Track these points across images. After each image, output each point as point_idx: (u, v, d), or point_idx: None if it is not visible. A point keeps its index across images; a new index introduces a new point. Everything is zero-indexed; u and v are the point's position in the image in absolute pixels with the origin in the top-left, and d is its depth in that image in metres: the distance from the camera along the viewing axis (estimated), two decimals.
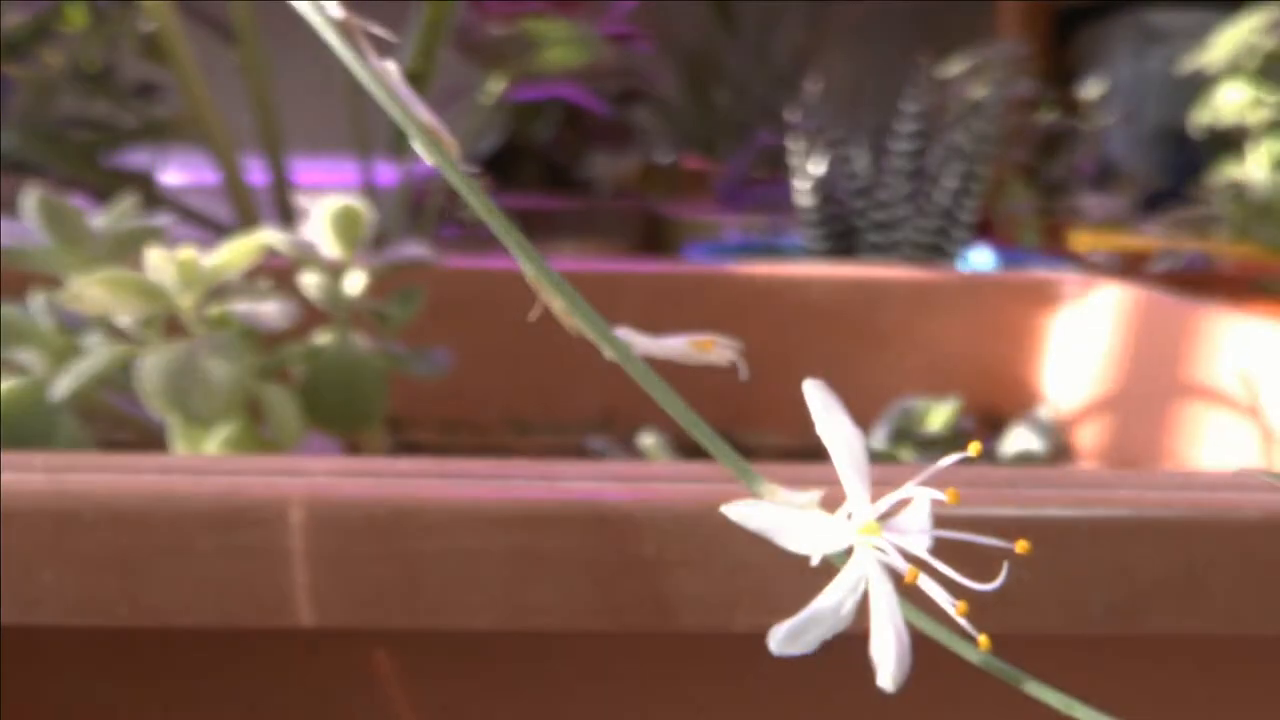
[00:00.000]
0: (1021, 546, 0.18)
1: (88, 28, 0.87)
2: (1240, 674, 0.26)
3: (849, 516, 0.18)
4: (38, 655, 0.24)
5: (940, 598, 0.18)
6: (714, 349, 0.22)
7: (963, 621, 0.17)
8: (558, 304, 0.20)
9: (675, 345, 0.22)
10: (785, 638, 0.17)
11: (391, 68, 0.20)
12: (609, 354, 0.20)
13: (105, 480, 0.20)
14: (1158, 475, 0.24)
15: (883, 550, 0.18)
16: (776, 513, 0.18)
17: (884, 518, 0.18)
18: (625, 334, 0.21)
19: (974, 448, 0.18)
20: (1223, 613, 0.22)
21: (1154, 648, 0.23)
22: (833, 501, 0.19)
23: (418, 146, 0.20)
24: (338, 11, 0.20)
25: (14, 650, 0.24)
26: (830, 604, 0.17)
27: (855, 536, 0.18)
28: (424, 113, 0.20)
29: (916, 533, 0.18)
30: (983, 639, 0.18)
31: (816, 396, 0.18)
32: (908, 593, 0.18)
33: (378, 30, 0.21)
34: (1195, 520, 0.22)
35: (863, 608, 0.18)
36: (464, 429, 0.60)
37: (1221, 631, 0.22)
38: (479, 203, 0.19)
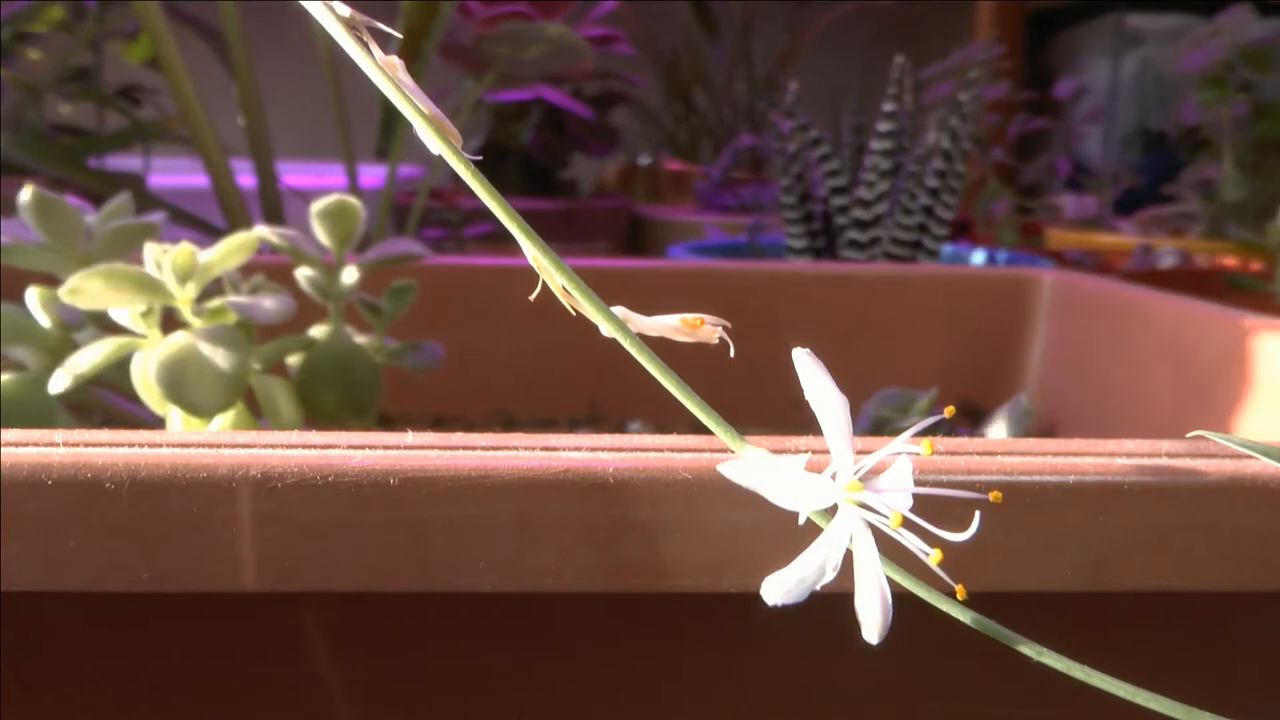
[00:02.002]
0: (995, 496, 0.19)
1: (70, 27, 0.87)
2: (1198, 627, 0.27)
3: (834, 476, 0.19)
4: (61, 619, 0.25)
5: (918, 550, 0.19)
6: (703, 327, 0.23)
7: (940, 572, 0.18)
8: (558, 284, 0.21)
9: (667, 322, 0.23)
10: (776, 589, 0.18)
11: (396, 62, 0.21)
12: (606, 330, 0.21)
13: (126, 453, 0.21)
14: (1125, 444, 0.25)
15: (866, 507, 0.19)
16: (767, 472, 0.19)
17: (865, 479, 0.19)
18: (620, 311, 0.22)
19: (949, 410, 0.19)
20: (1184, 571, 0.24)
21: (1118, 603, 0.25)
22: (815, 468, 0.20)
23: (424, 136, 0.21)
24: (344, 9, 0.21)
25: (39, 614, 0.25)
26: (817, 557, 0.18)
27: (840, 494, 0.19)
28: (429, 104, 0.21)
29: (897, 491, 0.19)
30: (959, 588, 0.19)
31: (805, 364, 0.19)
32: (889, 551, 0.19)
33: (381, 26, 0.22)
34: (1159, 485, 0.23)
35: (846, 569, 0.19)
36: (453, 424, 0.61)
37: (1182, 588, 0.24)
38: (482, 188, 0.20)
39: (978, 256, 0.99)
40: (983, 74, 0.85)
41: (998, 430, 0.53)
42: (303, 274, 0.44)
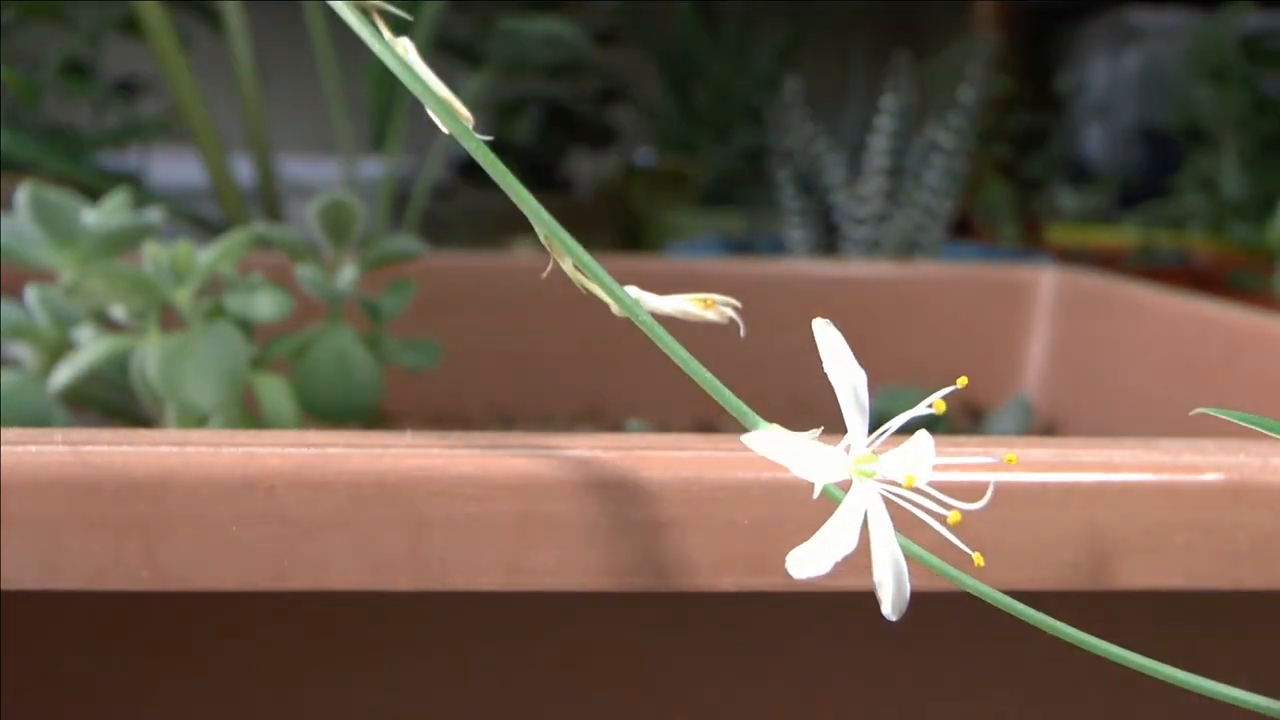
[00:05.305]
0: (1010, 459, 0.19)
1: (68, 20, 0.87)
2: (1198, 626, 0.27)
3: (848, 449, 0.19)
4: (61, 619, 0.25)
5: (931, 520, 0.19)
6: (714, 307, 0.23)
7: (955, 539, 0.19)
8: (568, 263, 0.21)
9: (678, 302, 0.23)
10: (801, 562, 0.18)
11: (408, 44, 0.21)
12: (617, 310, 0.21)
13: (125, 451, 0.21)
14: (1125, 441, 0.25)
15: (879, 479, 0.19)
16: (787, 443, 0.19)
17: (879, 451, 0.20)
18: (633, 291, 0.22)
19: (939, 406, 0.19)
20: (1184, 570, 0.24)
21: (1118, 603, 0.25)
22: None
23: (435, 117, 0.21)
24: None
25: (38, 614, 0.25)
26: (836, 529, 0.19)
27: (853, 466, 0.19)
28: (440, 86, 0.21)
29: (912, 464, 0.19)
30: (977, 557, 0.19)
31: (825, 334, 0.20)
32: (904, 527, 0.19)
33: (393, 9, 0.22)
34: (1159, 484, 0.23)
35: (858, 564, 0.19)
36: (451, 422, 0.61)
37: (1182, 587, 0.24)
38: (494, 168, 0.20)
39: (978, 254, 0.99)
40: (985, 70, 0.85)
41: (999, 428, 0.53)
42: (301, 272, 0.44)
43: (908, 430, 0.20)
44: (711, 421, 0.59)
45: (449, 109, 0.21)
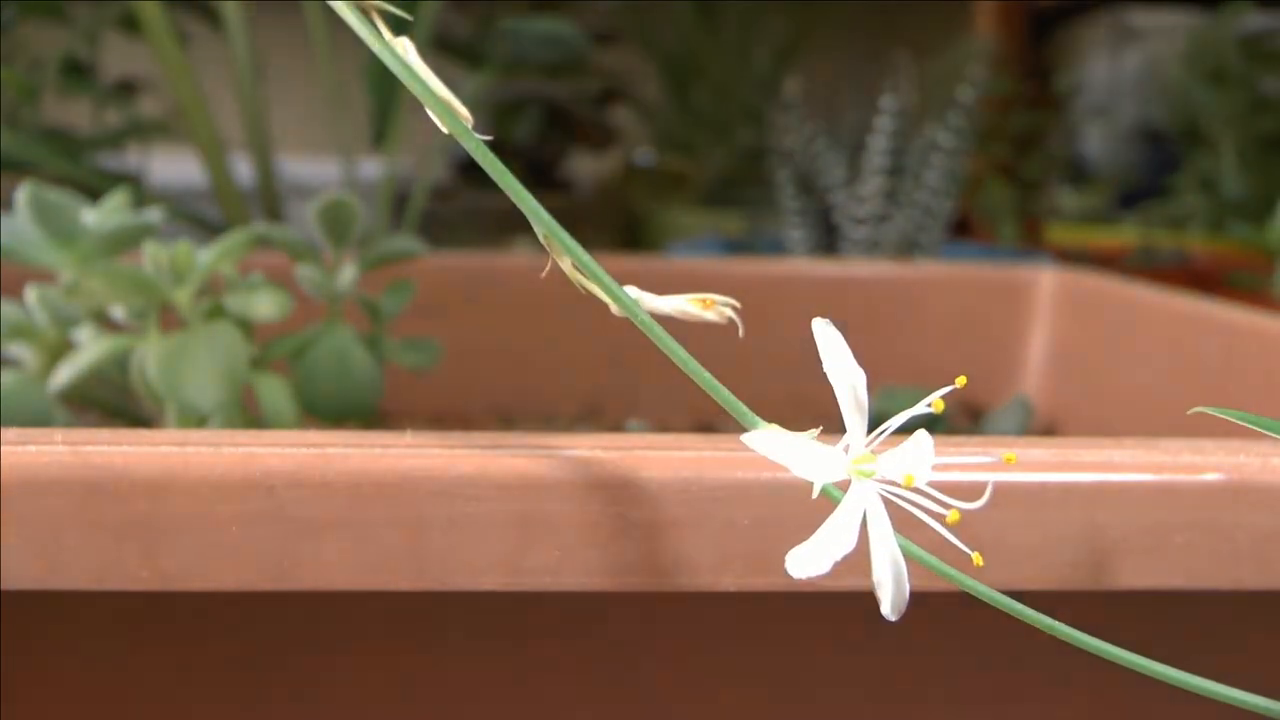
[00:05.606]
0: (1009, 458, 0.19)
1: (68, 20, 0.87)
2: (1198, 626, 0.27)
3: (846, 449, 0.19)
4: (61, 619, 0.25)
5: (931, 519, 0.19)
6: (714, 307, 0.23)
7: (954, 539, 0.19)
8: (568, 263, 0.21)
9: (677, 302, 0.23)
10: (801, 561, 0.18)
11: (407, 44, 0.21)
12: (616, 310, 0.21)
13: (125, 451, 0.21)
14: (1124, 441, 0.25)
15: (877, 479, 0.19)
16: (787, 443, 0.19)
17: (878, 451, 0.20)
18: (632, 291, 0.22)
19: (938, 406, 0.19)
20: (1184, 570, 0.24)
21: (1118, 603, 0.25)
22: None
23: (435, 117, 0.21)
24: None
25: (38, 614, 0.25)
26: (835, 529, 0.19)
27: (852, 466, 0.19)
28: (440, 86, 0.21)
29: (911, 464, 0.19)
30: (976, 557, 0.19)
31: (824, 333, 0.20)
32: (903, 527, 0.19)
33: (392, 9, 0.22)
34: (1159, 484, 0.23)
35: (857, 564, 0.19)
36: (451, 422, 0.61)
37: (1182, 587, 0.24)
38: (494, 168, 0.20)
39: (978, 254, 0.99)
40: (984, 70, 0.85)
41: (999, 428, 0.53)
42: (301, 272, 0.44)
43: (907, 430, 0.20)
44: (711, 421, 0.59)
45: (449, 109, 0.21)
